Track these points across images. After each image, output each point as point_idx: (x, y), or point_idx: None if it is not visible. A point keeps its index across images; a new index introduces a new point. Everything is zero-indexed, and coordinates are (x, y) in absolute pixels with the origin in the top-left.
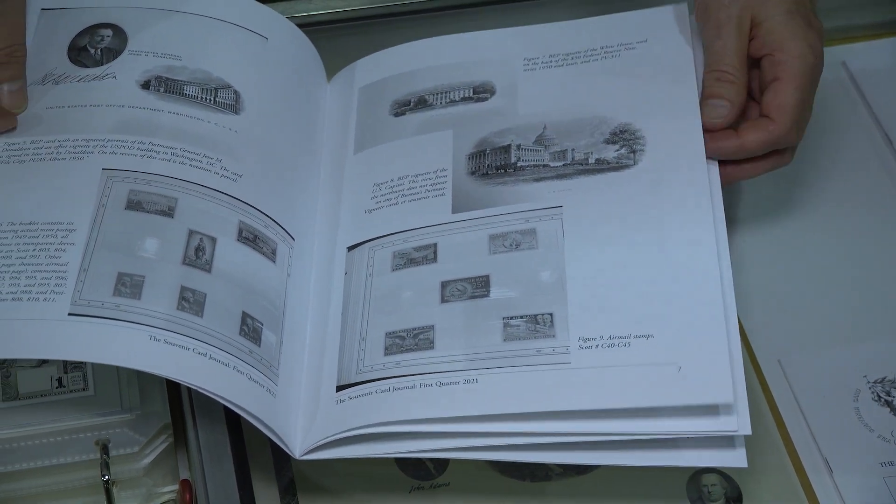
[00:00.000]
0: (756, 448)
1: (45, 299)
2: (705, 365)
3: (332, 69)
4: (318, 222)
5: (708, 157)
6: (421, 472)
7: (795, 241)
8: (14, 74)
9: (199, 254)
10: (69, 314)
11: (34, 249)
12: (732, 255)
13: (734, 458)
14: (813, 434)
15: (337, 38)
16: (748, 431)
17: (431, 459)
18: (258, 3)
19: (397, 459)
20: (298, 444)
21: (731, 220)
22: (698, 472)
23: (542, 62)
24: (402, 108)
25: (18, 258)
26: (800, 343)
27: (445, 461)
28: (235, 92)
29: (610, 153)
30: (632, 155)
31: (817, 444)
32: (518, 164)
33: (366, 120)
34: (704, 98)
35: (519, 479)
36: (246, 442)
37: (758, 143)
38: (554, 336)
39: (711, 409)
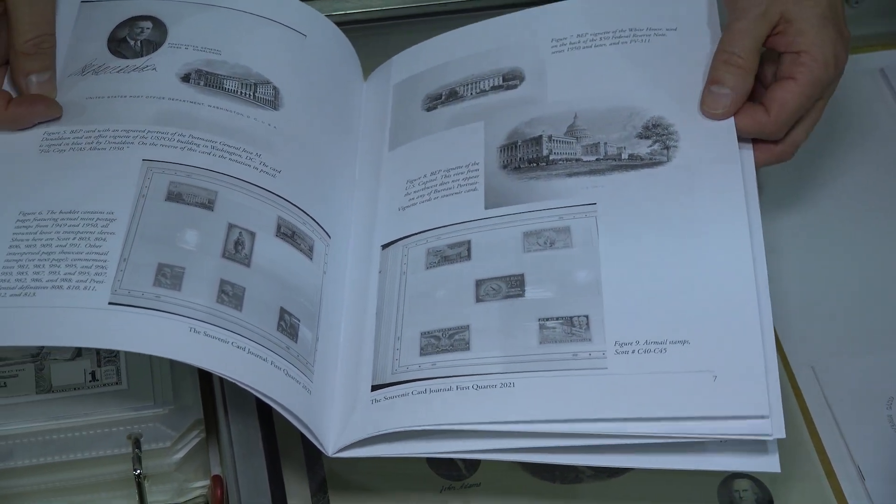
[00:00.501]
0: (788, 454)
1: (86, 287)
2: (741, 375)
3: (368, 68)
4: (353, 220)
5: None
6: (452, 471)
7: (830, 247)
8: (43, 65)
9: (238, 248)
10: (109, 303)
11: (74, 238)
12: (768, 256)
13: (767, 464)
14: (845, 441)
15: (373, 37)
16: (782, 435)
17: (463, 459)
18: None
19: (428, 459)
20: (331, 442)
21: (766, 226)
22: (730, 477)
23: (569, 43)
24: (434, 101)
25: (59, 246)
26: (833, 349)
27: (477, 461)
28: (274, 88)
29: (643, 149)
30: (665, 151)
31: (849, 450)
32: (550, 158)
33: (400, 116)
34: (708, 82)
35: (550, 480)
36: (278, 439)
37: (745, 129)
38: (590, 339)
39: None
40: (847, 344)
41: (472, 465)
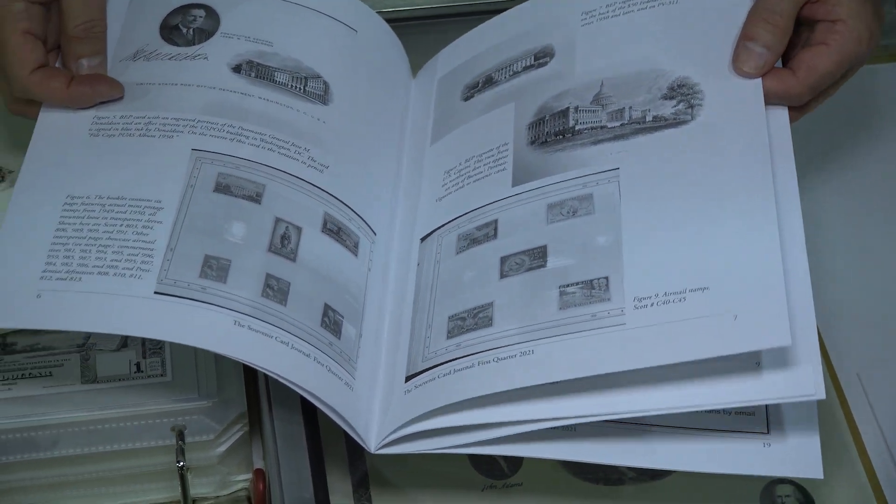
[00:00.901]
0: (832, 461)
1: (132, 276)
2: (762, 311)
3: (417, 65)
4: (398, 217)
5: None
6: (494, 471)
7: (878, 253)
8: (94, 50)
9: (284, 242)
10: (155, 292)
11: (122, 225)
12: (814, 263)
13: (811, 470)
14: (890, 450)
15: (423, 34)
16: (822, 395)
17: (505, 458)
18: None
19: (471, 458)
20: (373, 439)
21: (809, 231)
22: (772, 483)
23: (598, 14)
24: (472, 90)
25: (105, 232)
26: (880, 357)
27: (519, 461)
28: (325, 82)
29: (667, 109)
30: (689, 110)
31: (893, 458)
32: (576, 128)
33: (441, 110)
34: (743, 38)
35: (592, 482)
36: (321, 434)
37: (771, 91)
38: (609, 299)
39: (781, 371)
40: (893, 351)
41: (515, 464)
